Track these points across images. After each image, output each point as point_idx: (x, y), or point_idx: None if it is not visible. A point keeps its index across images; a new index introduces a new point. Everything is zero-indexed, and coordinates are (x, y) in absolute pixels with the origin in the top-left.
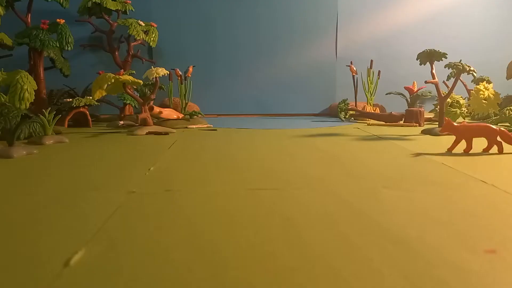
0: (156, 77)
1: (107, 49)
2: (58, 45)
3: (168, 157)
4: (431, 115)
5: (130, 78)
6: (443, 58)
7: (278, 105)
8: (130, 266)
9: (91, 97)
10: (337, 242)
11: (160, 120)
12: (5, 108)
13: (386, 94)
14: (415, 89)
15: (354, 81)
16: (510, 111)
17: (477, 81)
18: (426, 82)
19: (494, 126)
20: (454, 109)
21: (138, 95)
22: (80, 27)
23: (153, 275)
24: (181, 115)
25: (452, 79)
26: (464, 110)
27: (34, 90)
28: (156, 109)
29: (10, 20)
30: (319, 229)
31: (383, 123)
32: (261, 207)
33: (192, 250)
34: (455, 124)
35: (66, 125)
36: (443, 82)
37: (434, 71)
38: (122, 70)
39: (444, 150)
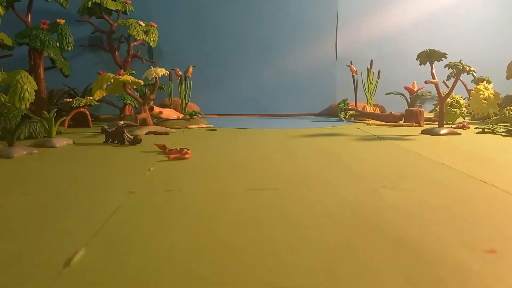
0: (155, 77)
1: (107, 49)
2: (58, 45)
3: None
4: (431, 115)
5: (130, 78)
6: (443, 58)
7: (278, 105)
8: (130, 266)
9: (91, 97)
10: (337, 242)
11: (160, 120)
12: (5, 108)
13: (386, 94)
14: (415, 89)
15: (354, 81)
16: (510, 111)
17: (477, 81)
18: (426, 82)
19: None
20: (454, 109)
21: (138, 95)
22: (80, 27)
23: (153, 275)
24: (181, 115)
25: (452, 79)
26: (464, 110)
27: (34, 90)
28: (156, 109)
29: (10, 20)
30: (319, 229)
31: (383, 123)
32: (261, 207)
33: (192, 250)
34: None
35: (66, 125)
36: (443, 82)
37: (434, 71)
38: (122, 70)
39: (444, 150)
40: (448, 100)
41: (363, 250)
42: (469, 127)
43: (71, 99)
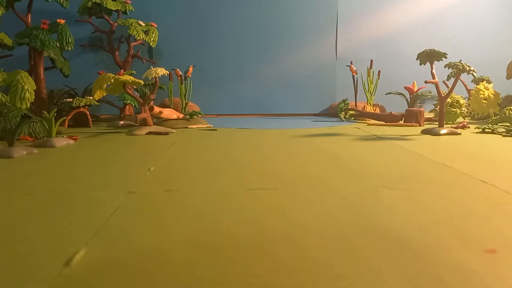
0: (155, 77)
1: (107, 49)
2: (58, 45)
3: (168, 157)
4: (431, 115)
5: (130, 78)
6: (443, 58)
7: (278, 105)
8: (130, 266)
9: (91, 97)
10: (337, 242)
11: (160, 120)
12: (5, 108)
13: (386, 94)
14: (415, 89)
15: (354, 81)
16: (510, 111)
17: (477, 81)
18: (426, 82)
19: None
20: (454, 109)
21: (138, 95)
22: (80, 27)
23: (153, 275)
24: (181, 115)
25: (452, 79)
26: (464, 110)
27: (34, 90)
28: (156, 109)
29: (10, 20)
30: (319, 228)
31: (383, 123)
32: (261, 207)
33: (192, 250)
34: None
35: (66, 125)
36: (443, 82)
37: (434, 71)
38: (122, 70)
39: (444, 150)
40: (448, 100)
41: (363, 250)
42: (469, 127)
43: (71, 99)
